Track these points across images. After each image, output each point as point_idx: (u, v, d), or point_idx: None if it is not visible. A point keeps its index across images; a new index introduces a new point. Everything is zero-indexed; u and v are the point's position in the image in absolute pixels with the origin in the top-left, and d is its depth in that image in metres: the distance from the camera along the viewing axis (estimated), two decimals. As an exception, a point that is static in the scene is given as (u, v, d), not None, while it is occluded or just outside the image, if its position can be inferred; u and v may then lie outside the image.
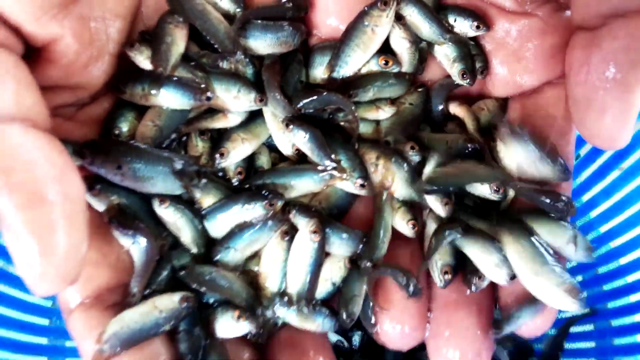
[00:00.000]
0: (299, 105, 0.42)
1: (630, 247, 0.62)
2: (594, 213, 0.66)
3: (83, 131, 0.39)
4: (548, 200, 0.40)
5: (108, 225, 0.38)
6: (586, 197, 0.67)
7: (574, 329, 0.68)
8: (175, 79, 0.41)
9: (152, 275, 0.40)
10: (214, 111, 0.43)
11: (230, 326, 0.40)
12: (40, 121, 0.32)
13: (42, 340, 0.62)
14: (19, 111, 0.31)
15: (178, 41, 0.41)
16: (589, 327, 0.68)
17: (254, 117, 0.45)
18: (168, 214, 0.41)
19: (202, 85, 0.41)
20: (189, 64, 0.42)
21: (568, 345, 0.68)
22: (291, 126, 0.42)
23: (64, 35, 0.35)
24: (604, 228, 0.66)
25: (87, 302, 0.37)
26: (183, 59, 0.42)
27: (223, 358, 0.40)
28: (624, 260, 0.64)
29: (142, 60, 0.40)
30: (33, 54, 0.35)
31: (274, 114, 0.44)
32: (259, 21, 0.43)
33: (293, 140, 0.43)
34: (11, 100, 0.31)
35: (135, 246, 0.39)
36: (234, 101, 0.42)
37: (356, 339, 0.69)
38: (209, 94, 0.41)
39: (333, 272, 0.43)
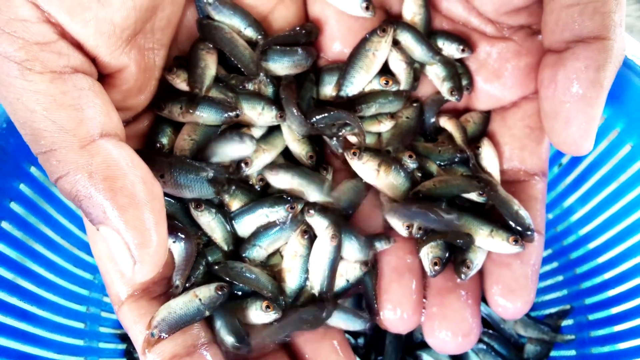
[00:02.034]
0: (312, 120, 0.45)
1: (606, 248, 0.65)
2: (573, 218, 0.69)
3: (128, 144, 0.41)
4: (506, 212, 0.45)
5: None
6: (566, 203, 0.70)
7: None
8: (209, 98, 0.44)
9: (191, 270, 0.42)
10: (239, 126, 0.46)
11: (259, 315, 0.43)
12: (122, 135, 0.36)
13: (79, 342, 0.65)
14: (110, 127, 0.34)
15: (210, 65, 0.44)
16: (569, 322, 0.71)
17: (271, 131, 0.48)
18: (203, 216, 0.44)
19: (232, 104, 0.44)
20: (219, 85, 0.45)
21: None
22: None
23: (129, 65, 0.38)
24: (582, 231, 0.69)
25: (136, 294, 0.39)
26: (214, 81, 0.45)
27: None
28: (601, 260, 0.67)
29: (180, 82, 0.44)
30: (100, 80, 0.37)
31: (290, 127, 0.47)
32: (277, 47, 0.46)
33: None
34: (103, 119, 0.34)
35: (176, 245, 0.42)
36: (259, 117, 0.46)
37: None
38: (237, 111, 0.44)
39: (348, 271, 0.45)
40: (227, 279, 0.43)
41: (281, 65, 0.47)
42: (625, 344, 0.62)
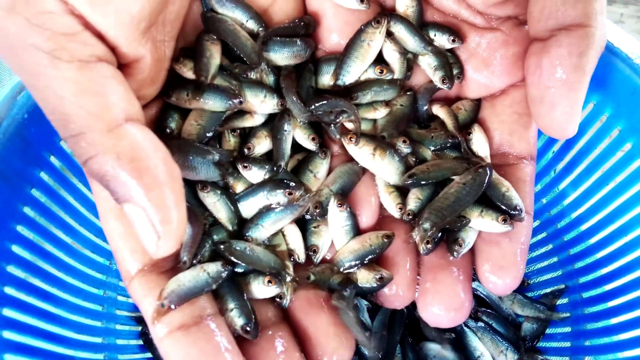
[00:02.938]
0: (311, 108, 0.47)
1: (597, 229, 0.67)
2: (566, 201, 0.71)
3: None
4: (495, 193, 0.46)
5: None
6: (559, 187, 0.72)
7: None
8: (214, 86, 0.45)
9: (197, 248, 0.43)
10: (242, 113, 0.48)
11: (261, 289, 0.44)
12: (143, 120, 0.37)
13: (97, 323, 0.67)
14: (132, 113, 0.36)
15: (215, 55, 0.46)
16: (563, 301, 0.73)
17: (273, 117, 0.49)
18: (209, 197, 0.46)
19: (236, 92, 0.46)
20: (224, 74, 0.46)
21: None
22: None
23: (145, 55, 0.39)
24: (575, 214, 0.71)
25: (145, 269, 0.41)
26: (219, 70, 0.46)
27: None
28: (593, 240, 0.69)
29: (187, 71, 0.45)
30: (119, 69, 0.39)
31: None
32: (278, 38, 0.47)
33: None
34: (125, 104, 0.36)
35: None
36: (261, 105, 0.47)
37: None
38: (241, 98, 0.45)
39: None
40: (232, 257, 0.44)
41: (281, 56, 0.48)
42: (618, 318, 0.64)
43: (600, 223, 0.67)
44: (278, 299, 0.45)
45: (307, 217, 0.48)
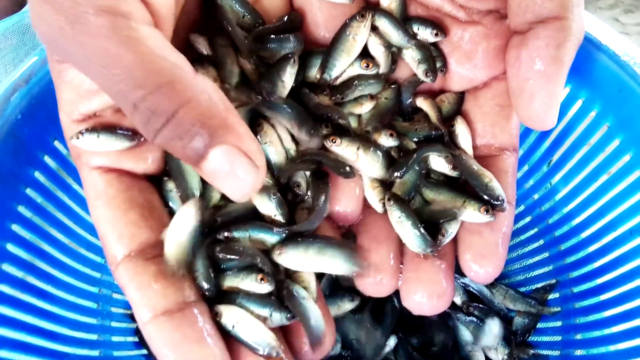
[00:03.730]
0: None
1: (588, 223, 0.67)
2: (557, 197, 0.71)
3: (126, 121, 0.42)
4: (478, 184, 0.46)
5: (148, 194, 0.43)
6: (550, 183, 0.71)
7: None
8: None
9: None
10: None
11: (254, 287, 0.43)
12: None
13: (92, 320, 0.67)
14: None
15: (235, 62, 0.46)
16: (555, 295, 0.73)
17: None
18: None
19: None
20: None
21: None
22: None
23: None
24: (566, 209, 0.70)
25: (132, 255, 0.40)
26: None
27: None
28: (584, 235, 0.68)
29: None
30: None
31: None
32: (273, 36, 0.47)
33: None
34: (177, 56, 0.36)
35: None
36: None
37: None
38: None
39: None
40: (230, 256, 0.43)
41: (279, 53, 0.47)
42: (609, 311, 0.63)
43: (591, 218, 0.66)
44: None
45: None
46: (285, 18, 0.48)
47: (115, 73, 0.33)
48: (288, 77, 0.46)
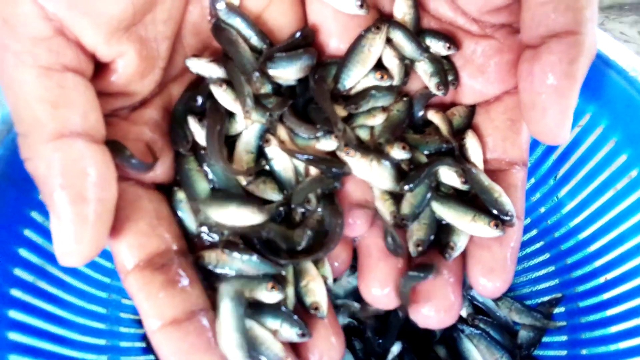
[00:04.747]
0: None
1: (595, 238, 0.66)
2: (564, 210, 0.70)
3: (135, 129, 0.43)
4: (488, 198, 0.46)
5: (158, 204, 0.43)
6: (557, 197, 0.70)
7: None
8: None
9: None
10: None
11: (264, 295, 0.42)
12: (98, 136, 0.38)
13: (102, 325, 0.66)
14: (84, 129, 0.37)
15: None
16: (560, 309, 0.72)
17: None
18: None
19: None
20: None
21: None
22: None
23: (127, 52, 0.40)
24: (572, 223, 0.69)
25: (141, 265, 0.40)
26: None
27: None
28: (590, 249, 0.67)
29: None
30: (101, 66, 0.40)
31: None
32: (283, 54, 0.46)
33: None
34: (79, 120, 0.36)
35: None
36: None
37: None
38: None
39: None
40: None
41: (290, 71, 0.47)
42: (616, 327, 0.62)
43: (598, 232, 0.65)
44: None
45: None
46: (298, 34, 0.48)
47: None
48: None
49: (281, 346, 0.41)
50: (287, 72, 0.47)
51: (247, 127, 0.47)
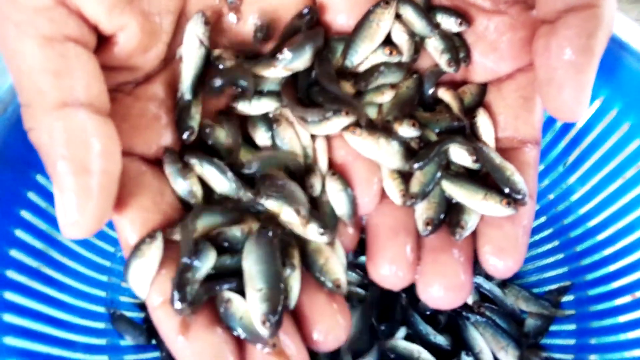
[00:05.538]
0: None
1: (605, 225, 0.65)
2: (573, 197, 0.69)
3: (139, 104, 0.42)
4: (500, 177, 0.45)
5: (160, 180, 0.42)
6: (567, 183, 0.69)
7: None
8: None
9: None
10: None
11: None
12: (102, 107, 0.37)
13: (101, 309, 0.66)
14: (87, 99, 0.36)
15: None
16: (569, 298, 0.71)
17: None
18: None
19: None
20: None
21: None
22: None
23: (129, 25, 0.39)
24: (582, 210, 0.68)
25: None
26: None
27: None
28: (600, 237, 0.66)
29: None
30: (103, 39, 0.39)
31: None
32: (291, 47, 0.45)
33: None
34: (82, 90, 0.36)
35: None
36: None
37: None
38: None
39: None
40: None
41: (302, 61, 0.46)
42: (626, 316, 0.61)
43: (608, 220, 0.64)
44: None
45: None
46: (302, 16, 0.46)
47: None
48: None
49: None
50: (299, 63, 0.46)
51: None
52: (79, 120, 0.35)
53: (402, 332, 0.68)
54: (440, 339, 0.68)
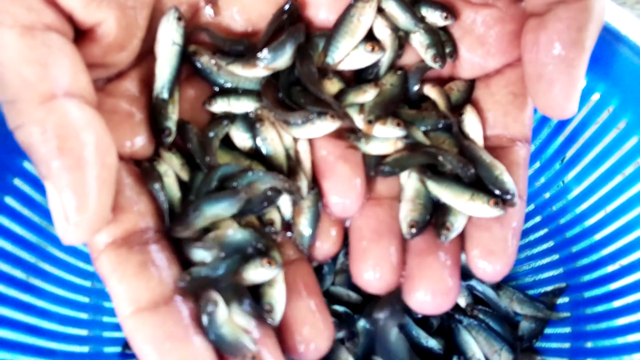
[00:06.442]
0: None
1: (602, 225, 0.63)
2: (570, 196, 0.67)
3: (111, 101, 0.41)
4: (488, 176, 0.43)
5: (135, 178, 0.40)
6: (562, 182, 0.68)
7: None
8: None
9: None
10: None
11: (259, 273, 0.40)
12: (91, 99, 0.35)
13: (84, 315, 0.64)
14: (75, 88, 0.34)
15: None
16: (564, 300, 0.69)
17: None
18: None
19: None
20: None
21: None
22: None
23: (106, 20, 0.37)
24: (578, 209, 0.66)
25: (116, 242, 0.37)
26: None
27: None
28: (597, 237, 0.64)
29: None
30: (79, 35, 0.37)
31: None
32: (271, 46, 0.44)
33: None
34: (70, 80, 0.34)
35: None
36: None
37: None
38: None
39: None
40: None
41: (283, 60, 0.44)
42: (623, 319, 0.60)
43: (605, 219, 0.63)
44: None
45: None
46: (283, 13, 0.45)
47: None
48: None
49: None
50: (282, 61, 0.44)
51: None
52: (71, 111, 0.33)
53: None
54: (433, 343, 0.66)
